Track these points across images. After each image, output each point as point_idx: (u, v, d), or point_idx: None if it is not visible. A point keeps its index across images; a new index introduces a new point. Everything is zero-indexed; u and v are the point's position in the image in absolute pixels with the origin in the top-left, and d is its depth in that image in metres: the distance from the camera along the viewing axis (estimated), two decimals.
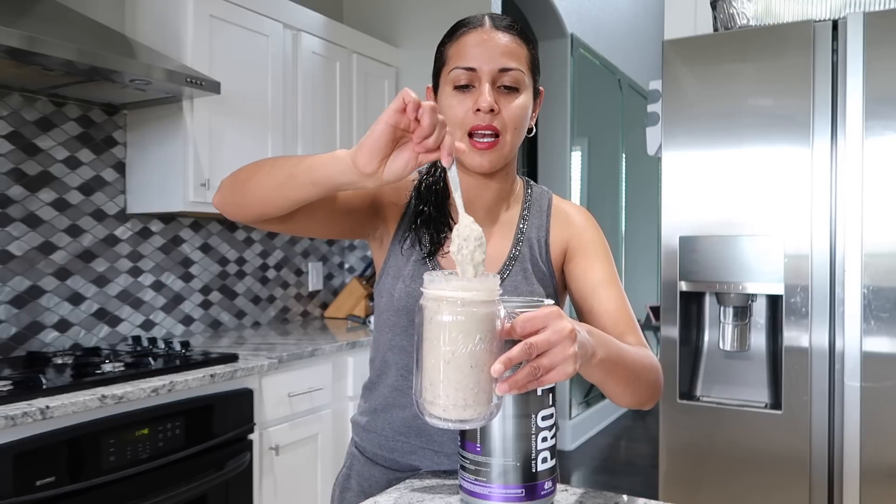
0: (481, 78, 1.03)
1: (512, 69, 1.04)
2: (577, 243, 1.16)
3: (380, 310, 1.14)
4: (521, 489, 0.88)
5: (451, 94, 1.05)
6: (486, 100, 1.02)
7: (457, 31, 1.08)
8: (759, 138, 1.79)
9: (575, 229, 1.17)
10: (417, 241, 1.11)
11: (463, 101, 1.04)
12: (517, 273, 1.12)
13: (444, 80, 1.07)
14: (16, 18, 1.84)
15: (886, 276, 1.66)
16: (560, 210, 1.19)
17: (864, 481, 1.67)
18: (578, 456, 4.58)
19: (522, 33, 1.08)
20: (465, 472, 0.91)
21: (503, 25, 1.06)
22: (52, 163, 2.32)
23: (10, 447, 1.54)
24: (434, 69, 1.12)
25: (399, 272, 1.11)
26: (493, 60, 1.03)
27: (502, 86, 1.04)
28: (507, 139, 1.05)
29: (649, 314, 5.77)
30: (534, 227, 1.16)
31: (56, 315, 2.33)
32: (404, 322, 1.09)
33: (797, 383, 1.74)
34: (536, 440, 0.89)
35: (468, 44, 1.05)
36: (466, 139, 1.04)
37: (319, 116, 2.95)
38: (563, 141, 4.63)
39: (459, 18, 1.11)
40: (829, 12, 1.82)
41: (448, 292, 0.77)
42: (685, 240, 1.86)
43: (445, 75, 1.07)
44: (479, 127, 1.03)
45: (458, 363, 0.75)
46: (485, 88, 1.03)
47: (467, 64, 1.03)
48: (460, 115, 1.04)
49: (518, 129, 1.06)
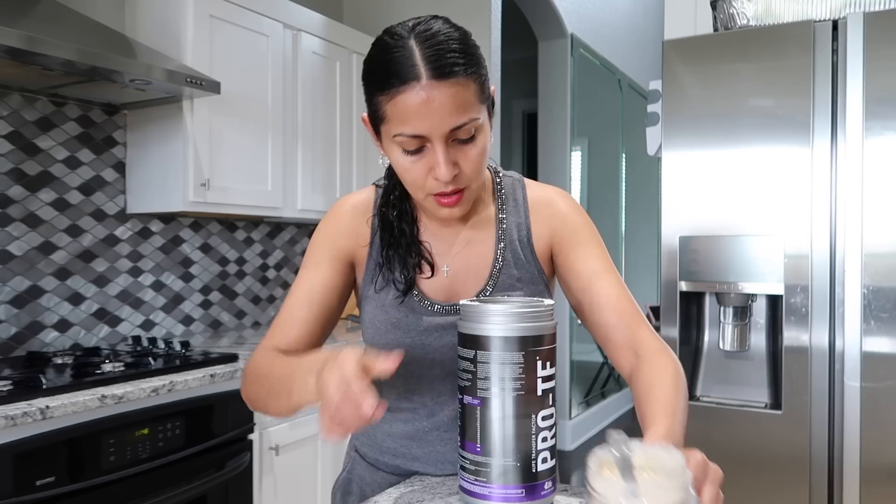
0: (433, 141, 0.91)
1: (465, 124, 0.91)
2: (564, 233, 1.07)
3: (367, 339, 1.11)
4: (522, 489, 0.88)
5: (400, 156, 0.94)
6: (444, 170, 0.91)
7: (389, 85, 0.89)
8: (759, 138, 1.79)
9: (558, 219, 1.08)
10: (392, 282, 1.06)
11: (416, 163, 0.93)
12: (505, 281, 1.07)
13: (387, 136, 0.94)
14: (16, 18, 1.84)
15: (886, 276, 1.66)
16: (539, 199, 1.10)
17: (864, 481, 1.67)
18: (578, 456, 4.58)
19: (465, 63, 0.90)
20: (465, 473, 0.91)
21: (442, 71, 0.88)
22: (52, 163, 2.32)
23: (10, 447, 1.54)
24: (369, 111, 0.97)
25: (380, 303, 1.07)
26: (441, 124, 0.89)
27: (456, 140, 0.92)
28: (472, 188, 0.98)
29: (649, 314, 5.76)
30: (513, 224, 1.09)
31: (56, 315, 2.33)
32: (400, 346, 1.06)
33: (797, 383, 1.74)
34: (537, 440, 0.89)
35: (408, 106, 0.89)
36: (430, 198, 0.97)
37: (319, 116, 2.95)
38: (563, 141, 4.63)
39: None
40: (829, 12, 1.82)
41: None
42: (685, 240, 1.86)
43: (388, 133, 0.94)
44: (442, 193, 0.95)
45: None
46: (439, 156, 0.91)
47: (412, 132, 0.90)
48: (418, 180, 0.95)
49: (480, 172, 0.97)
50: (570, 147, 4.67)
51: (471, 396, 0.90)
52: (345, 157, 3.09)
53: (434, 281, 1.07)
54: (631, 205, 5.89)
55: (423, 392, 1.08)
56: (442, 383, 1.07)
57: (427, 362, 1.06)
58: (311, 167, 2.89)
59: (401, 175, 0.97)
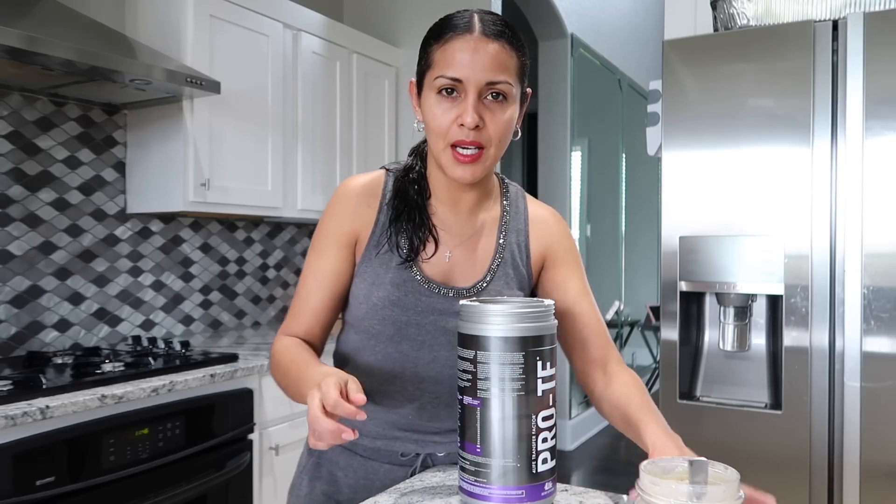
0: (467, 90, 0.99)
1: (500, 82, 1.00)
2: (558, 251, 1.17)
3: (357, 315, 1.12)
4: (522, 490, 0.88)
5: (435, 101, 1.02)
6: (471, 116, 0.98)
7: (444, 34, 1.02)
8: (759, 138, 1.79)
9: (554, 238, 1.17)
10: (396, 247, 1.09)
11: (447, 110, 1.01)
12: (500, 277, 1.13)
13: (429, 83, 1.03)
14: (16, 18, 1.84)
15: (886, 276, 1.66)
16: (538, 216, 1.19)
17: (864, 481, 1.67)
18: (578, 456, 4.58)
19: (513, 39, 1.02)
20: (465, 474, 0.91)
21: (493, 32, 1.00)
22: (52, 162, 2.32)
23: (10, 447, 1.54)
24: (419, 68, 1.07)
25: (378, 278, 1.09)
26: (480, 73, 0.99)
27: (489, 96, 1.00)
28: (490, 152, 1.03)
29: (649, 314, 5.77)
30: (514, 229, 1.16)
31: (56, 315, 2.33)
32: (390, 330, 1.09)
33: (797, 383, 1.74)
34: (537, 441, 0.89)
35: (455, 50, 1.00)
36: (449, 150, 1.02)
37: (319, 116, 2.94)
38: (563, 141, 4.63)
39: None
40: (829, 12, 1.82)
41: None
42: (685, 240, 1.86)
43: (430, 80, 1.03)
44: (463, 142, 1.00)
45: None
46: (469, 103, 0.99)
47: (453, 74, 0.99)
48: (444, 125, 1.01)
49: (502, 142, 1.04)
50: (570, 147, 4.67)
51: (471, 397, 0.90)
52: (345, 157, 3.09)
53: (434, 264, 1.10)
54: (631, 205, 5.89)
55: (405, 377, 1.11)
56: (427, 367, 1.10)
57: (417, 343, 1.09)
58: (311, 167, 2.89)
59: (429, 122, 1.03)
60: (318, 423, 0.83)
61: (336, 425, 0.83)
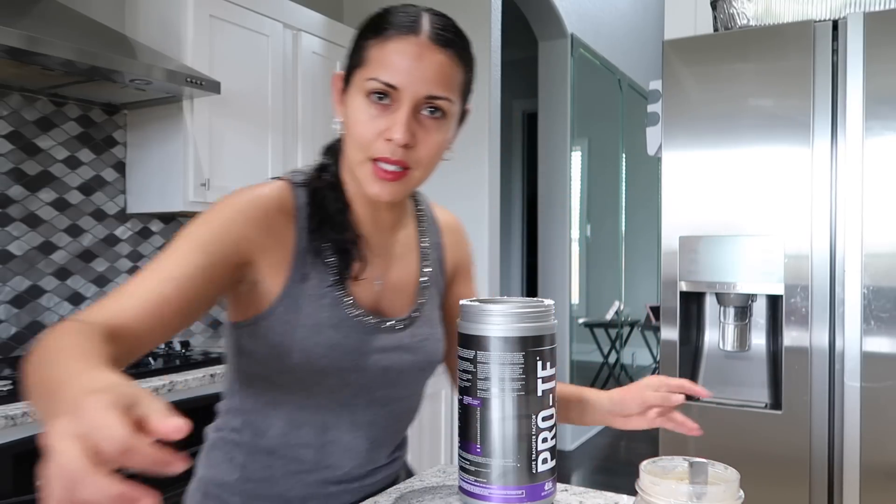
0: (402, 100, 0.85)
1: (440, 98, 0.87)
2: (463, 263, 1.11)
3: (280, 367, 0.90)
4: (522, 490, 0.88)
5: (362, 105, 0.87)
6: (402, 133, 0.84)
7: (385, 30, 0.87)
8: (759, 138, 1.79)
9: (462, 248, 1.12)
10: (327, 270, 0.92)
11: (374, 118, 0.86)
12: (430, 300, 1.04)
13: (358, 82, 0.88)
14: (16, 18, 1.84)
15: (886, 276, 1.66)
16: (448, 225, 1.11)
17: (864, 481, 1.67)
18: (578, 456, 4.58)
19: (464, 51, 0.90)
20: (465, 474, 0.91)
21: (443, 40, 0.87)
22: (52, 163, 2.32)
23: (10, 447, 1.54)
24: (349, 62, 0.92)
25: (310, 319, 0.90)
26: (420, 83, 0.85)
27: (426, 110, 0.87)
28: (415, 175, 0.89)
29: (649, 314, 5.77)
30: (433, 244, 1.07)
31: (56, 315, 2.33)
32: (333, 382, 0.92)
33: (797, 383, 1.74)
34: (537, 441, 0.89)
35: (395, 52, 0.86)
36: (369, 164, 0.87)
37: (319, 116, 2.94)
38: (563, 141, 4.63)
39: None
40: (829, 12, 1.82)
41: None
42: (685, 240, 1.86)
43: (360, 79, 0.88)
44: (387, 160, 0.86)
45: None
46: (402, 116, 0.85)
47: (389, 79, 0.85)
48: (367, 136, 0.86)
49: (431, 165, 0.90)
50: (570, 147, 4.67)
51: (471, 397, 0.90)
52: None
53: (365, 291, 0.96)
54: (631, 205, 5.89)
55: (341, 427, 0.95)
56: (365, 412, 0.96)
57: (356, 388, 0.95)
58: None
59: (351, 127, 0.89)
60: (80, 487, 0.42)
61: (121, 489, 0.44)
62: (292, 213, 0.92)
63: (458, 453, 0.94)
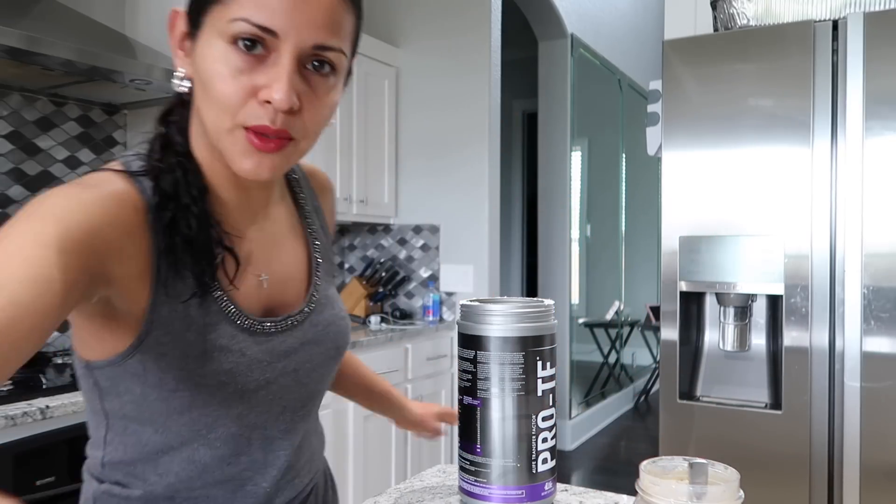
0: (281, 50, 0.66)
1: (331, 48, 0.69)
2: (333, 228, 0.98)
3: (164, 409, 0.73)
4: (522, 490, 0.88)
5: (223, 54, 0.66)
6: (287, 93, 0.66)
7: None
8: (759, 138, 1.79)
9: (334, 212, 0.98)
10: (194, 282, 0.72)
11: (242, 74, 0.66)
12: (323, 280, 0.89)
13: (217, 23, 0.67)
14: (16, 18, 1.84)
15: (886, 276, 1.66)
16: (320, 185, 0.95)
17: (864, 481, 1.67)
18: (578, 456, 4.58)
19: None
20: (465, 474, 0.91)
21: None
22: (52, 163, 2.32)
23: (10, 447, 1.54)
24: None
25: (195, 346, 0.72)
26: (307, 29, 0.66)
27: (311, 64, 0.69)
28: (300, 147, 0.71)
29: (649, 314, 5.78)
30: (311, 208, 0.91)
31: None
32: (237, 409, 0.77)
33: (797, 383, 1.74)
34: (537, 441, 0.89)
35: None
36: (240, 132, 0.68)
37: None
38: (563, 141, 4.63)
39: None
40: (829, 12, 1.82)
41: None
42: (685, 240, 1.86)
43: (220, 18, 0.66)
44: (266, 129, 0.67)
45: None
46: (284, 72, 0.66)
47: (265, 21, 0.65)
48: (234, 97, 0.66)
49: (318, 134, 0.73)
50: (570, 147, 4.68)
51: (471, 397, 0.90)
52: (345, 157, 3.09)
53: (249, 294, 0.79)
54: (631, 205, 5.89)
55: (252, 450, 0.80)
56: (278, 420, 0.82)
57: (266, 404, 0.80)
58: None
59: (211, 85, 0.67)
60: None
61: None
62: (142, 210, 0.71)
63: (458, 453, 0.94)
